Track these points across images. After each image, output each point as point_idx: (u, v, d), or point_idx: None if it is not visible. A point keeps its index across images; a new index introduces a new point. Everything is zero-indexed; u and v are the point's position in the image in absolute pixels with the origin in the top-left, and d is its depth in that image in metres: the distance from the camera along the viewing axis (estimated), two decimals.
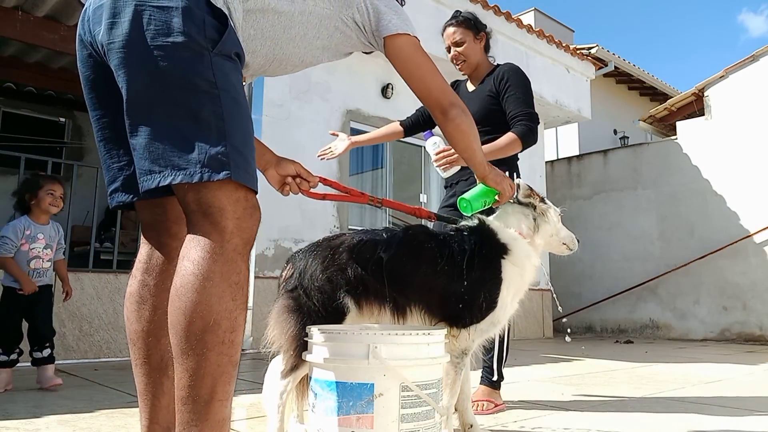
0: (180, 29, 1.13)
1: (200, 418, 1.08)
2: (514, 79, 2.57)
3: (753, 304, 7.56)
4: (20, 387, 2.95)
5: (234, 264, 1.14)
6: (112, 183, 1.35)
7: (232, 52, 1.22)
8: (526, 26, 7.32)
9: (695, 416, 2.41)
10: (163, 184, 1.12)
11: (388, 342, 1.41)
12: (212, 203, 1.14)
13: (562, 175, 9.45)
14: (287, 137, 5.43)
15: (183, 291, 1.11)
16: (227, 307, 1.11)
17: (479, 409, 2.43)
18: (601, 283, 8.78)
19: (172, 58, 1.13)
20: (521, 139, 2.43)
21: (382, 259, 1.74)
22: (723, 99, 8.08)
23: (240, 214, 1.16)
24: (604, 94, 10.87)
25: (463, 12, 2.80)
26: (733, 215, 7.80)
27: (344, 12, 1.50)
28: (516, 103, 2.52)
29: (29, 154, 4.64)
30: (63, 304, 4.12)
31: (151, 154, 1.13)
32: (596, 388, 3.22)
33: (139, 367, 1.33)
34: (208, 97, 1.14)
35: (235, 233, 1.15)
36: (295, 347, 1.67)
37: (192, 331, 1.09)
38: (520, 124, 2.47)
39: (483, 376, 2.58)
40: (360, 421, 1.38)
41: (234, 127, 1.16)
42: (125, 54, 1.15)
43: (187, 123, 1.13)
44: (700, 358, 5.18)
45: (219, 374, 1.09)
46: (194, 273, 1.11)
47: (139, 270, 1.36)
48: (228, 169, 1.13)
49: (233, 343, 1.12)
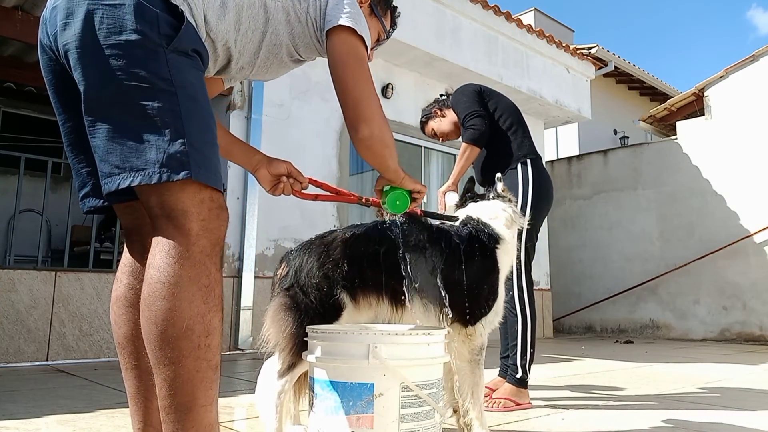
0: (132, 27, 1.10)
1: (185, 427, 1.07)
2: (454, 101, 2.93)
3: (753, 304, 7.56)
4: (20, 387, 2.95)
5: (202, 267, 1.11)
6: (82, 188, 1.32)
7: (189, 49, 1.18)
8: (526, 26, 7.32)
9: (695, 416, 2.41)
10: (123, 186, 1.09)
11: (388, 342, 1.41)
12: (175, 206, 1.10)
13: (562, 175, 9.45)
14: (287, 137, 5.42)
15: (151, 300, 1.08)
16: (199, 311, 1.09)
17: (497, 407, 2.43)
18: (601, 283, 8.78)
19: (125, 56, 1.10)
20: (469, 142, 2.73)
21: (378, 252, 1.75)
22: (723, 99, 8.08)
23: (205, 216, 1.13)
24: (604, 94, 10.88)
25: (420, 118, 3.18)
26: (733, 215, 7.81)
27: (298, 6, 1.42)
28: (459, 117, 2.85)
29: (29, 154, 4.64)
30: (63, 304, 4.13)
31: (110, 156, 1.10)
32: (596, 387, 3.22)
33: (130, 371, 1.31)
34: (164, 95, 1.11)
35: (201, 235, 1.12)
36: (293, 345, 1.67)
37: (165, 340, 1.06)
38: (465, 130, 2.77)
39: (508, 374, 2.58)
40: (360, 421, 1.38)
41: (192, 125, 1.13)
42: (79, 54, 1.12)
43: (143, 122, 1.09)
44: (700, 358, 5.18)
45: (199, 380, 1.08)
46: (161, 280, 1.08)
47: (125, 273, 1.33)
48: (188, 168, 1.09)
49: (210, 347, 1.10)
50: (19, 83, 6.29)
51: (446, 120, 3.03)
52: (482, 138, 2.72)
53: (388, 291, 1.77)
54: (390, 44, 6.16)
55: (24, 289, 4.01)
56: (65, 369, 3.68)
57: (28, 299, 4.02)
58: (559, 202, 9.23)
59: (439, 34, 6.26)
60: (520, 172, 2.69)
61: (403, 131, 6.46)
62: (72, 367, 3.78)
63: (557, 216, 9.12)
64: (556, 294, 8.74)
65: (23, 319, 3.96)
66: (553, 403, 2.68)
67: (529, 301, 2.60)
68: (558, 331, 8.77)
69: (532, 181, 2.67)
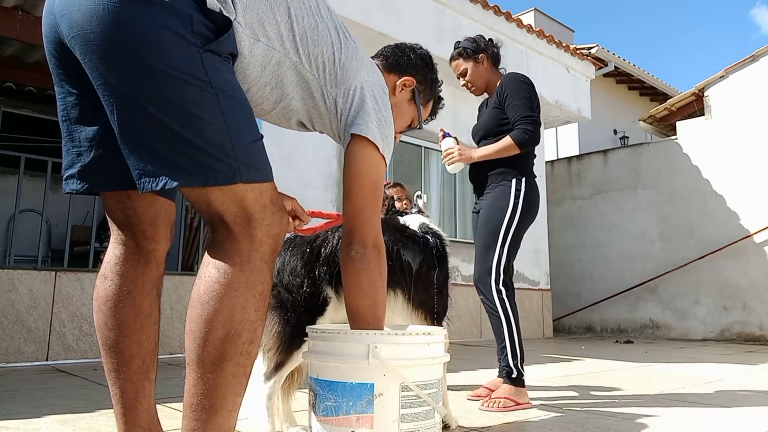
0: (164, 24, 1.05)
1: (206, 427, 1.07)
2: (511, 89, 2.74)
3: (753, 304, 7.57)
4: (20, 387, 2.95)
5: (260, 273, 1.10)
6: (68, 168, 1.26)
7: (226, 53, 1.15)
8: (526, 26, 7.32)
9: (695, 416, 2.41)
10: (170, 186, 1.06)
11: (388, 342, 1.41)
12: (240, 209, 1.08)
13: (562, 175, 9.45)
14: (288, 137, 5.42)
15: (206, 298, 1.07)
16: (249, 318, 1.08)
17: (497, 407, 2.43)
18: (601, 283, 8.78)
19: (157, 54, 1.04)
20: (516, 143, 2.64)
21: None
22: (723, 99, 8.08)
23: (269, 221, 1.12)
24: (604, 94, 10.88)
25: (461, 42, 2.94)
26: (733, 215, 7.81)
27: (328, 88, 1.37)
28: (514, 111, 2.71)
29: (29, 154, 4.64)
30: (63, 304, 4.13)
31: (151, 155, 1.06)
32: (596, 388, 3.22)
33: (119, 372, 1.28)
34: (207, 95, 1.07)
35: (265, 241, 1.11)
36: (279, 344, 1.69)
37: (211, 340, 1.06)
38: (517, 128, 2.67)
39: (504, 375, 2.58)
40: (360, 421, 1.38)
41: (239, 126, 1.10)
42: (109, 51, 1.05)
43: (187, 123, 1.06)
44: (700, 358, 5.19)
45: (233, 385, 1.08)
46: (219, 281, 1.07)
47: (112, 272, 1.29)
48: (237, 172, 1.07)
49: (250, 355, 1.10)
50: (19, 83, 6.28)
51: (486, 74, 2.87)
52: (530, 146, 2.68)
53: None
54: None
55: (24, 289, 4.01)
56: (65, 369, 3.68)
57: (28, 299, 4.02)
58: (559, 202, 9.24)
59: (439, 34, 6.26)
60: (514, 185, 2.70)
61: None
62: (72, 367, 3.78)
63: (557, 216, 9.13)
64: (556, 294, 8.74)
65: (23, 319, 3.96)
66: (553, 403, 2.68)
67: (509, 300, 2.61)
68: (558, 331, 8.77)
69: (524, 195, 2.70)
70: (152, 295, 1.32)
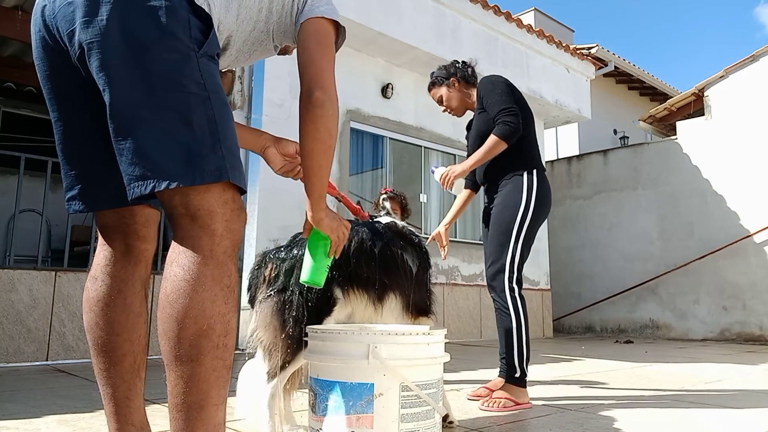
0: (166, 30, 1.10)
1: (195, 425, 1.07)
2: (484, 89, 2.81)
3: (753, 304, 7.56)
4: (20, 387, 2.95)
5: (225, 267, 1.12)
6: (69, 190, 1.31)
7: (215, 53, 1.20)
8: (526, 26, 7.32)
9: (695, 416, 2.41)
10: (158, 189, 1.09)
11: (388, 342, 1.41)
12: (201, 206, 1.11)
13: (562, 175, 9.45)
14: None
15: (174, 297, 1.08)
16: (220, 311, 1.10)
17: (497, 406, 2.43)
18: (601, 283, 8.78)
19: (159, 60, 1.10)
20: (500, 137, 2.66)
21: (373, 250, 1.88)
22: (723, 99, 8.08)
23: (228, 216, 1.14)
24: (604, 94, 10.88)
25: (434, 72, 3.07)
26: (733, 215, 7.81)
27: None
28: (491, 108, 2.74)
29: (29, 154, 4.64)
30: (63, 304, 4.13)
31: (141, 159, 1.09)
32: (596, 388, 3.22)
33: (111, 371, 1.30)
34: (198, 99, 1.12)
35: (225, 236, 1.13)
36: (289, 346, 1.69)
37: (185, 337, 1.07)
38: (497, 124, 2.69)
39: (507, 374, 2.58)
40: (360, 421, 1.38)
41: (226, 129, 1.15)
42: (108, 55, 1.09)
43: (178, 126, 1.10)
44: (700, 358, 5.18)
45: (214, 379, 1.09)
46: (185, 278, 1.09)
47: (103, 272, 1.31)
48: (225, 171, 1.12)
49: (227, 347, 1.11)
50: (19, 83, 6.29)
51: (460, 95, 2.96)
52: (514, 137, 2.67)
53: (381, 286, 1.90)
54: (390, 44, 6.15)
55: (24, 289, 4.01)
56: (65, 369, 3.68)
57: (28, 299, 4.02)
58: (559, 202, 9.23)
59: (439, 34, 6.26)
60: (526, 180, 2.69)
61: (403, 131, 6.46)
62: (72, 367, 3.78)
63: (557, 216, 9.12)
64: (556, 294, 8.74)
65: (23, 319, 3.97)
66: (553, 403, 2.68)
67: (521, 299, 2.61)
68: (558, 331, 8.77)
69: (536, 190, 2.69)
70: (142, 294, 1.35)
